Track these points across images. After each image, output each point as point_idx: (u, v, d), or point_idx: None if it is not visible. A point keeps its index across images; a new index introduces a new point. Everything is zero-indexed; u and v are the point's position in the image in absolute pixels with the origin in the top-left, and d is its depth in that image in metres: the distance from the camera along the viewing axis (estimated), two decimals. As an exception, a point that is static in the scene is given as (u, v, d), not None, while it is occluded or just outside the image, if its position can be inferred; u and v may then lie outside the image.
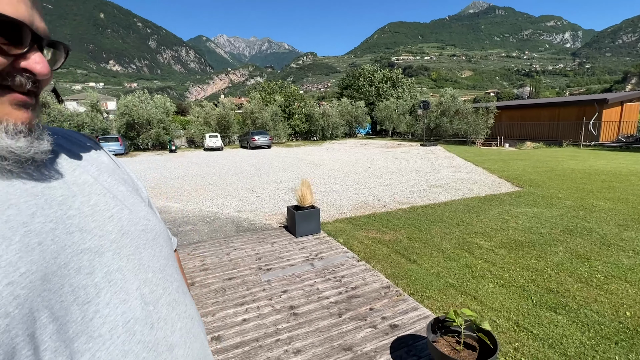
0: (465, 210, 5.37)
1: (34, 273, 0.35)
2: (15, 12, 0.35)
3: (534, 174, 8.47)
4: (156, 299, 0.46)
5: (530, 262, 3.36)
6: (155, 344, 0.43)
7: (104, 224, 0.44)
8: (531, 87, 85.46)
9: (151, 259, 0.48)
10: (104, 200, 0.46)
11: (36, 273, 0.36)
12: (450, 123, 21.81)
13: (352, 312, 2.47)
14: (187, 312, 0.51)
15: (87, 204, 0.44)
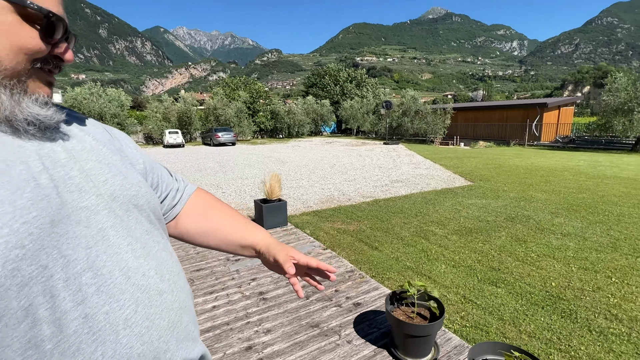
0: (423, 202, 5.77)
1: (44, 217, 0.41)
2: (58, 10, 0.45)
3: (484, 170, 9.23)
4: (146, 254, 0.52)
5: (477, 245, 3.74)
6: (147, 287, 0.50)
7: (99, 186, 0.50)
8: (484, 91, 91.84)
9: (143, 221, 0.55)
10: (99, 166, 0.52)
11: (45, 218, 0.42)
12: (411, 123, 22.85)
13: (318, 294, 2.62)
14: (174, 268, 0.57)
15: (84, 168, 0.50)
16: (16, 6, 0.41)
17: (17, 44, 0.41)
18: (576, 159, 11.70)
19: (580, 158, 12.11)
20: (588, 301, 2.57)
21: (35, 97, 0.45)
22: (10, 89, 0.42)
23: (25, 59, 0.43)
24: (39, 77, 0.46)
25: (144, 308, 0.48)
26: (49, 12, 0.43)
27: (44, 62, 0.45)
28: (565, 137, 18.55)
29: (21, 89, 0.43)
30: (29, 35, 0.42)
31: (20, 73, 0.43)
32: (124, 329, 0.45)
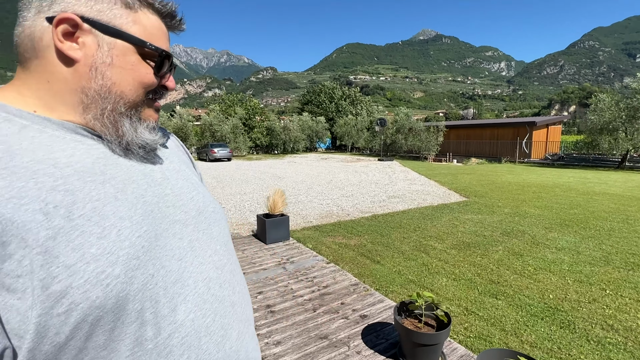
0: (421, 217, 5.89)
1: (151, 232, 0.46)
2: (167, 47, 0.52)
3: (478, 186, 9.44)
4: (222, 266, 0.56)
5: (476, 259, 3.84)
6: (223, 299, 0.53)
7: (187, 203, 0.55)
8: (474, 109, 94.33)
9: (219, 234, 0.59)
10: (186, 185, 0.58)
11: (152, 232, 0.46)
12: (405, 140, 23.30)
13: (325, 306, 2.68)
14: (242, 281, 0.61)
15: (176, 187, 0.55)
16: (138, 47, 0.48)
17: (138, 79, 0.49)
18: (566, 176, 12.04)
19: (570, 175, 12.46)
20: (585, 312, 2.67)
21: (147, 124, 0.52)
22: (130, 117, 0.49)
23: (142, 92, 0.50)
24: (149, 106, 0.53)
25: (220, 318, 0.52)
26: (163, 51, 0.50)
27: (154, 92, 0.53)
28: (554, 155, 19.08)
29: (137, 117, 0.51)
30: (146, 71, 0.50)
31: (138, 104, 0.50)
32: (205, 336, 0.49)
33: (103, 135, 0.48)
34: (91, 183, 0.44)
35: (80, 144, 0.46)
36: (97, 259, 0.40)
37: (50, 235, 0.38)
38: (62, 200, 0.40)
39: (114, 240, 0.42)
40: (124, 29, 0.47)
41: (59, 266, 0.37)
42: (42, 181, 0.40)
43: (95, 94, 0.46)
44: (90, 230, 0.41)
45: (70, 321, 0.37)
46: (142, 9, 0.49)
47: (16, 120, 0.43)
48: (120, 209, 0.45)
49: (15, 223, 0.36)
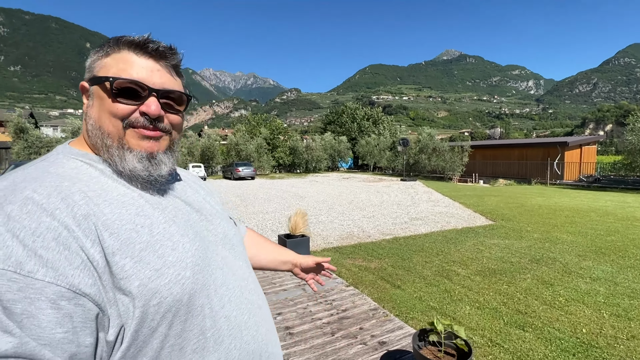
0: (444, 241, 5.75)
1: (201, 247, 0.58)
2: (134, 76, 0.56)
3: (506, 209, 9.10)
4: (247, 277, 0.69)
5: (502, 287, 3.69)
6: (252, 301, 0.66)
7: (216, 228, 0.67)
8: (501, 128, 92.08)
9: (241, 253, 0.71)
10: (213, 212, 0.70)
11: (202, 247, 0.59)
12: (429, 160, 22.97)
13: (343, 331, 2.67)
14: (261, 291, 0.74)
15: (208, 215, 0.68)
16: (101, 84, 0.55)
17: (108, 111, 0.55)
18: (602, 199, 11.35)
19: (607, 198, 11.74)
20: (622, 350, 2.49)
21: (135, 153, 0.56)
22: (118, 149, 0.55)
23: (117, 122, 0.55)
24: (133, 136, 0.56)
25: (253, 316, 0.65)
26: (110, 78, 0.54)
27: (136, 121, 0.56)
28: (589, 176, 18.08)
29: (124, 147, 0.56)
30: (109, 101, 0.55)
31: (118, 135, 0.55)
32: (244, 329, 0.61)
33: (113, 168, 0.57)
34: (157, 210, 0.57)
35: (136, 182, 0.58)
36: (174, 265, 0.52)
37: (143, 247, 0.51)
38: (144, 222, 0.53)
39: (181, 251, 0.55)
40: (95, 73, 0.57)
41: (151, 270, 0.50)
42: (129, 209, 0.53)
43: (92, 135, 0.57)
44: (166, 243, 0.53)
45: (161, 311, 0.49)
46: (116, 52, 0.57)
47: (96, 164, 0.57)
48: (179, 229, 0.57)
49: (125, 241, 0.49)
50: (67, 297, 0.42)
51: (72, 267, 0.43)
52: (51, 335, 0.40)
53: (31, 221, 0.43)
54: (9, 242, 0.41)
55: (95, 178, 0.54)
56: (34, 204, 0.45)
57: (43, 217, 0.44)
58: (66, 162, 0.55)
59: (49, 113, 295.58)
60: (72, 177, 0.52)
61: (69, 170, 0.53)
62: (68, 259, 0.43)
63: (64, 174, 0.52)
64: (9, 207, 0.44)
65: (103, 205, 0.50)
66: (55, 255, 0.43)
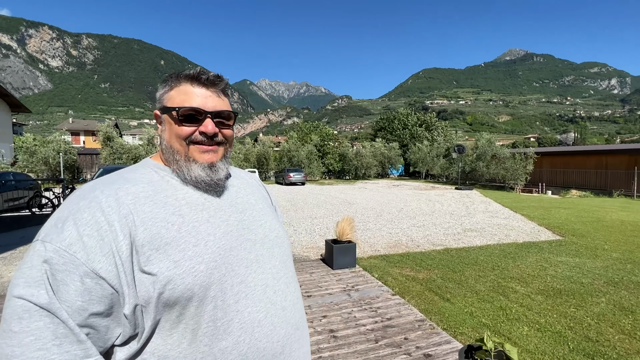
0: (501, 255, 5.35)
1: (227, 245, 0.68)
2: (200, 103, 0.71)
3: (578, 224, 8.14)
4: (279, 277, 0.74)
5: (568, 310, 3.34)
6: (275, 302, 0.70)
7: (257, 228, 0.75)
8: (576, 133, 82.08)
9: (278, 253, 0.77)
10: (257, 214, 0.78)
11: (227, 245, 0.68)
12: (487, 168, 21.43)
13: (387, 339, 2.66)
14: (295, 292, 0.78)
15: (251, 215, 0.77)
16: (169, 113, 0.71)
17: (175, 133, 0.70)
18: None
19: None
20: None
21: (199, 164, 0.71)
22: (184, 161, 0.70)
23: (182, 141, 0.70)
24: (196, 150, 0.71)
25: (271, 317, 0.69)
26: (174, 108, 0.69)
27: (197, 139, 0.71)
28: (690, 189, 15.32)
29: (189, 160, 0.71)
30: (176, 126, 0.70)
31: (184, 151, 0.71)
32: (257, 327, 0.67)
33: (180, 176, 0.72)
34: (194, 211, 0.68)
35: (191, 186, 0.72)
36: (191, 259, 0.63)
37: (168, 241, 0.62)
38: (176, 220, 0.65)
39: (202, 248, 0.65)
40: (164, 104, 0.73)
41: (171, 261, 0.61)
42: (167, 209, 0.66)
43: (165, 152, 0.73)
44: (189, 240, 0.64)
45: (174, 295, 0.60)
46: (177, 85, 0.73)
47: (160, 172, 0.72)
48: (209, 228, 0.68)
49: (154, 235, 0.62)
50: (90, 276, 0.56)
51: (101, 254, 0.57)
52: (72, 301, 0.55)
53: (88, 215, 0.59)
54: (70, 227, 0.58)
55: (155, 183, 0.69)
56: (96, 202, 0.61)
57: (97, 212, 0.60)
58: (140, 170, 0.72)
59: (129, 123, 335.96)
60: (136, 181, 0.67)
61: (138, 176, 0.69)
62: (100, 247, 0.57)
63: (132, 179, 0.68)
64: (82, 202, 0.61)
65: (147, 205, 0.64)
66: (93, 243, 0.57)
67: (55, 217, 0.60)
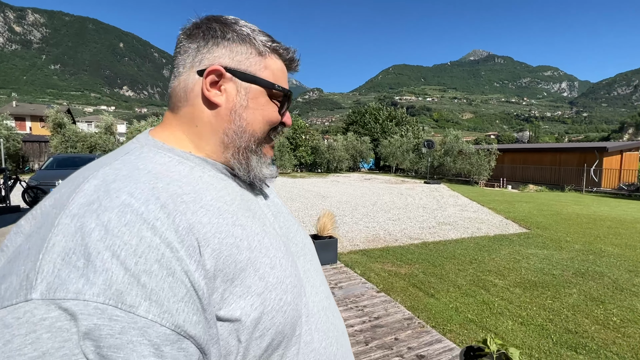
0: (476, 248, 5.47)
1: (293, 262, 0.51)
2: (287, 86, 0.55)
3: (540, 217, 8.61)
4: (329, 295, 0.59)
5: (545, 302, 3.43)
6: (337, 327, 0.57)
7: (295, 236, 0.59)
8: (530, 132, 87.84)
9: (317, 265, 0.61)
10: (290, 219, 0.62)
11: (294, 262, 0.51)
12: (454, 163, 22.29)
13: (377, 340, 2.54)
14: (338, 310, 0.63)
15: (285, 221, 0.59)
16: (268, 90, 0.52)
17: (267, 118, 0.52)
18: (648, 210, 10.53)
19: (653, 209, 10.88)
20: (696, 382, 2.21)
21: (265, 160, 0.54)
22: (257, 154, 0.53)
23: (268, 129, 0.54)
24: (268, 142, 0.56)
25: (341, 346, 0.55)
26: (288, 91, 0.54)
27: (274, 129, 0.55)
28: (631, 185, 16.91)
29: (262, 154, 0.54)
30: (273, 109, 0.53)
31: (263, 140, 0.54)
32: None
33: (236, 171, 0.52)
34: (250, 219, 0.48)
35: (226, 183, 0.50)
36: (276, 287, 0.44)
37: (242, 267, 0.41)
38: (242, 234, 0.44)
39: (279, 269, 0.46)
40: (257, 74, 0.51)
41: (252, 295, 0.41)
42: (225, 218, 0.43)
43: (234, 134, 0.50)
44: (263, 260, 0.44)
45: (263, 345, 0.41)
46: (271, 55, 0.53)
47: (185, 162, 0.48)
48: (272, 241, 0.48)
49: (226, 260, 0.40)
50: (171, 340, 0.32)
51: (177, 300, 0.34)
52: None
53: (131, 236, 0.34)
54: (109, 263, 0.31)
55: (186, 177, 0.45)
56: (133, 213, 0.35)
57: (144, 230, 0.34)
58: (153, 157, 0.46)
59: (84, 109, 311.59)
60: (164, 176, 0.42)
61: (158, 167, 0.44)
62: (172, 288, 0.34)
63: (155, 172, 0.43)
64: (105, 216, 0.34)
65: (201, 213, 0.41)
66: (159, 284, 0.33)
67: (61, 247, 0.32)
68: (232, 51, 0.50)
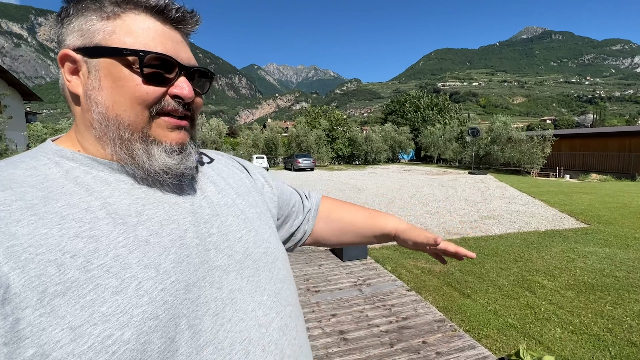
0: (523, 245, 5.01)
1: (180, 282, 0.40)
2: (163, 49, 0.42)
3: (603, 210, 7.68)
4: (269, 322, 0.46)
5: (604, 308, 3.02)
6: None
7: (234, 244, 0.47)
8: (595, 115, 78.32)
9: (268, 282, 0.49)
10: (237, 221, 0.50)
11: (181, 282, 0.40)
12: (502, 151, 20.72)
13: (404, 343, 2.40)
14: (297, 339, 0.50)
15: (224, 224, 0.48)
16: (121, 59, 0.41)
17: (129, 95, 0.41)
18: None
19: None
20: None
21: (163, 146, 0.44)
22: (140, 142, 0.42)
23: (140, 108, 0.42)
24: (160, 125, 0.44)
25: None
26: (144, 52, 0.40)
27: (169, 106, 0.44)
28: None
29: (149, 140, 0.43)
30: (133, 83, 0.41)
31: (141, 124, 0.42)
32: None
33: (126, 169, 0.44)
34: (122, 226, 0.39)
35: (123, 184, 0.43)
36: (107, 320, 0.34)
37: (60, 290, 0.33)
38: (83, 248, 0.36)
39: (130, 295, 0.36)
40: (102, 43, 0.41)
41: (63, 328, 0.32)
42: (68, 227, 0.36)
43: (98, 125, 0.42)
44: (106, 283, 0.35)
45: None
46: (126, 13, 0.42)
47: (65, 163, 0.42)
48: (149, 254, 0.39)
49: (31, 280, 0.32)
50: None
51: None
52: None
53: None
54: None
55: (50, 182, 0.39)
56: None
57: None
58: (27, 162, 0.41)
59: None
60: (9, 182, 0.37)
61: (19, 172, 0.39)
62: None
63: (2, 178, 0.38)
64: None
65: (23, 223, 0.35)
66: None
67: None
68: (80, 28, 0.42)
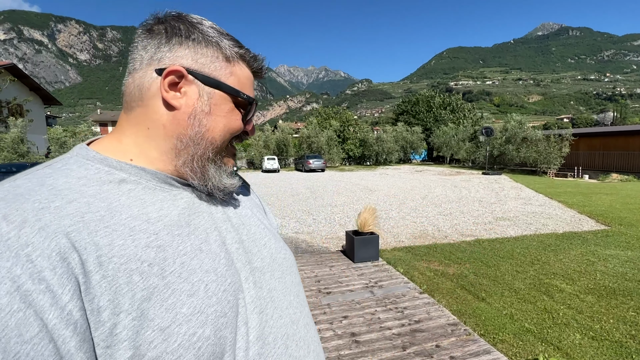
0: (540, 247, 4.88)
1: (235, 284, 0.45)
2: (253, 95, 0.52)
3: (625, 211, 7.41)
4: (297, 320, 0.51)
5: (627, 314, 2.91)
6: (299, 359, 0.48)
7: (261, 249, 0.52)
8: (615, 112, 75.67)
9: (291, 284, 0.54)
10: (259, 230, 0.55)
11: (235, 284, 0.45)
12: (517, 151, 20.24)
13: (416, 346, 2.37)
14: (316, 337, 0.55)
15: (250, 232, 0.53)
16: (232, 97, 0.49)
17: (228, 126, 0.49)
18: None
19: None
20: None
21: (226, 169, 0.51)
22: (215, 163, 0.49)
23: (229, 137, 0.50)
24: (228, 152, 0.52)
25: None
26: (253, 99, 0.51)
27: (236, 137, 0.52)
28: None
29: (221, 163, 0.50)
30: (236, 118, 0.50)
31: (223, 149, 0.50)
32: None
33: (190, 181, 0.48)
34: (179, 237, 0.43)
35: (167, 195, 0.46)
36: (189, 320, 0.38)
37: (146, 296, 0.36)
38: (155, 257, 0.39)
39: (202, 297, 0.40)
40: (223, 80, 0.48)
41: (154, 330, 0.35)
42: (139, 238, 0.39)
43: (189, 140, 0.46)
44: (181, 287, 0.39)
45: None
46: (238, 62, 0.50)
47: (116, 173, 0.43)
48: (206, 261, 0.43)
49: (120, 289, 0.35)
50: None
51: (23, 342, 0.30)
52: None
53: None
54: None
55: (106, 192, 0.41)
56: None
57: (3, 260, 0.31)
58: (75, 170, 0.42)
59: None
60: (70, 193, 0.39)
61: (72, 182, 0.40)
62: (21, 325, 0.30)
63: (62, 188, 0.39)
64: None
65: (101, 234, 0.37)
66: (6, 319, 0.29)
67: None
68: (196, 53, 0.47)
